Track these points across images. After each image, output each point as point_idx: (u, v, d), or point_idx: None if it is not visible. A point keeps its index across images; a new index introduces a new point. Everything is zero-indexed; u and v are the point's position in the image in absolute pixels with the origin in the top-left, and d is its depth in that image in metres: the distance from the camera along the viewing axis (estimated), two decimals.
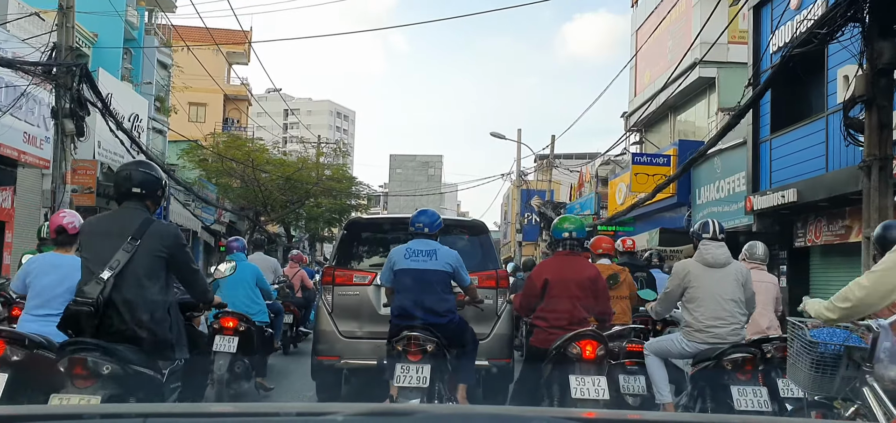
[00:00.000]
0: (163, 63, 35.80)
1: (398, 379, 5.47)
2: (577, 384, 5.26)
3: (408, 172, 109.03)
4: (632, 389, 6.31)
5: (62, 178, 13.59)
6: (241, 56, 52.62)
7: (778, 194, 13.94)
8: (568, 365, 5.38)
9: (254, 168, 26.75)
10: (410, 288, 5.87)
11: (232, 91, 50.06)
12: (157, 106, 33.75)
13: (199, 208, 28.94)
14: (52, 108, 13.57)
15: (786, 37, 14.41)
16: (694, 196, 19.08)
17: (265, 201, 28.65)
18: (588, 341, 5.39)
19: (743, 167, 16.05)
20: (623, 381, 6.25)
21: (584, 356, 5.35)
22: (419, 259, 5.93)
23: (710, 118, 20.43)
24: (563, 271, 5.84)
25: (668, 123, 23.47)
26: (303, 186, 29.68)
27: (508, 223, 52.41)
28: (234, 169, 27.74)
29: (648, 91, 24.15)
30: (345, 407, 1.72)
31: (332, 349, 7.24)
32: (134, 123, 22.41)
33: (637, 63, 25.47)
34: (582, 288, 5.80)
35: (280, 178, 29.00)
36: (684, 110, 22.61)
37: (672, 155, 19.44)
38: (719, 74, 19.53)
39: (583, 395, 5.22)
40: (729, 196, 16.74)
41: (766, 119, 15.17)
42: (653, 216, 21.66)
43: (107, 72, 22.62)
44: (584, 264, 6.12)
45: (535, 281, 5.93)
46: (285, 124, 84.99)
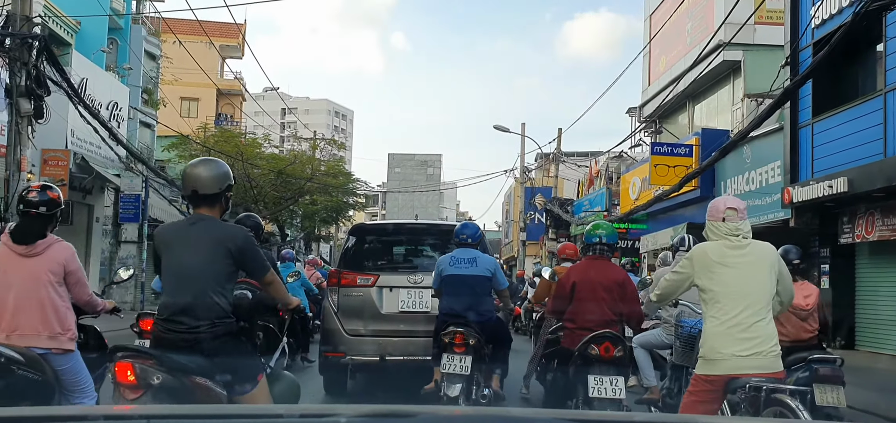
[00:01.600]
0: (151, 54, 34.24)
1: (444, 366, 6.24)
2: (595, 384, 5.58)
3: (406, 171, 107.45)
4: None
5: (18, 164, 12.03)
6: (235, 49, 51.13)
7: (823, 185, 12.40)
8: (589, 365, 5.69)
9: (243, 162, 25.15)
10: (456, 291, 6.70)
11: (225, 86, 48.51)
12: (144, 98, 32.20)
13: (186, 205, 27.37)
14: (6, 85, 12.01)
15: (831, 8, 12.89)
16: (719, 189, 17.53)
17: (256, 198, 27.05)
18: (606, 342, 5.67)
19: (778, 156, 14.52)
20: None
21: (602, 356, 5.64)
22: (462, 266, 6.75)
23: (734, 105, 18.90)
24: (591, 275, 6.09)
25: (687, 112, 21.93)
26: (296, 181, 28.06)
27: (510, 222, 50.81)
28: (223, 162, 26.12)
29: (664, 79, 22.60)
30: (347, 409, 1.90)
31: (337, 346, 7.74)
32: (113, 111, 20.83)
33: (651, 50, 23.94)
34: (609, 291, 6.04)
35: (271, 172, 27.36)
36: (705, 98, 21.06)
37: (694, 145, 17.90)
38: (745, 57, 18.01)
39: (600, 394, 5.54)
40: (761, 188, 15.20)
41: (805, 102, 13.62)
42: (671, 212, 20.12)
43: (83, 56, 21.08)
44: (613, 267, 6.41)
45: (565, 284, 6.24)
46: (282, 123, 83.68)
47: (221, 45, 49.19)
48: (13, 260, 4.43)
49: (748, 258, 4.34)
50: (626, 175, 23.65)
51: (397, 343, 7.78)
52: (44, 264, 4.48)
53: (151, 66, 34.18)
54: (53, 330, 4.46)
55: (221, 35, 48.58)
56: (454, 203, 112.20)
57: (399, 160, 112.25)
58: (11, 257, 4.43)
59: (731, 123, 18.72)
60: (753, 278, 4.32)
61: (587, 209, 26.90)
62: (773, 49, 17.53)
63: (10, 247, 4.47)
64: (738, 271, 4.30)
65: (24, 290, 4.41)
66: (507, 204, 54.63)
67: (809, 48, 13.54)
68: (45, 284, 4.46)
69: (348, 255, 8.31)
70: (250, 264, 4.18)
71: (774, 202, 14.46)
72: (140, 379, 3.75)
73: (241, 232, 4.25)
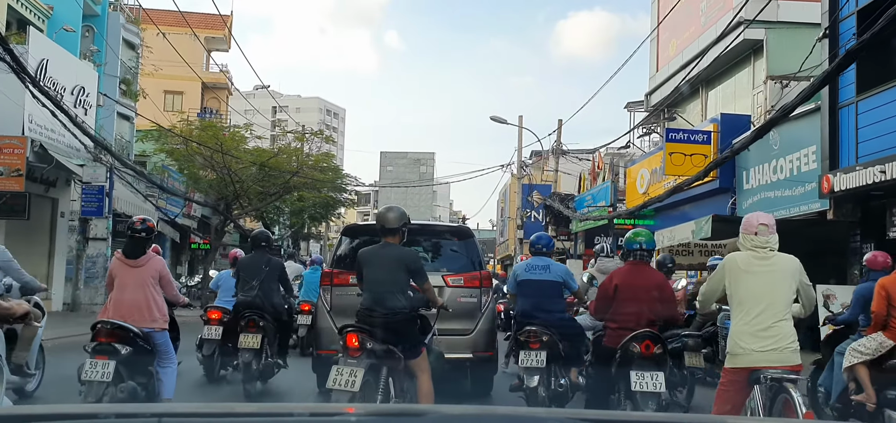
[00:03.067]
0: (129, 42, 32.53)
1: (522, 362, 7.09)
2: (637, 379, 6.01)
3: (399, 170, 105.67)
4: None
5: None
6: (221, 42, 49.47)
7: (871, 170, 10.85)
8: (630, 362, 6.12)
9: (223, 154, 23.47)
10: (530, 294, 7.49)
11: (210, 79, 46.76)
12: (122, 89, 30.54)
13: (164, 200, 25.68)
14: None
15: None
16: (740, 180, 16.01)
17: (238, 192, 25.36)
18: (647, 341, 6.12)
19: (813, 140, 12.99)
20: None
21: (643, 353, 6.08)
22: (537, 272, 7.53)
23: (755, 89, 17.38)
24: (632, 279, 6.52)
25: (700, 99, 20.40)
26: (281, 175, 26.37)
27: (506, 220, 49.20)
28: (201, 153, 24.47)
29: (675, 64, 21.09)
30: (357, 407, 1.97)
31: (330, 344, 7.79)
32: (79, 96, 19.16)
33: (659, 34, 22.42)
34: (649, 294, 6.46)
35: (253, 164, 25.64)
36: (721, 82, 19.53)
37: (712, 132, 16.35)
38: (768, 35, 16.50)
39: (641, 388, 5.98)
40: (793, 177, 13.66)
41: (847, 77, 12.08)
42: (683, 207, 18.58)
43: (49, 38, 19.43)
44: (652, 272, 6.88)
45: (607, 287, 6.63)
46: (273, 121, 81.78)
47: (206, 38, 47.51)
48: (125, 269, 6.45)
49: (772, 268, 4.93)
50: (633, 167, 22.11)
51: None
52: (146, 272, 6.46)
53: (130, 55, 32.51)
54: (154, 316, 6.42)
55: (206, 27, 46.87)
56: (447, 202, 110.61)
57: (391, 158, 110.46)
58: (124, 268, 6.47)
59: (752, 107, 17.21)
60: (775, 285, 4.91)
61: (590, 204, 25.34)
62: (798, 26, 16.06)
63: (123, 260, 6.51)
64: (761, 279, 4.89)
65: (134, 290, 6.38)
66: (502, 202, 53.04)
67: (853, 17, 12.02)
68: (147, 285, 6.44)
69: (341, 254, 8.54)
70: (417, 275, 6.02)
71: (809, 192, 12.94)
72: (361, 344, 5.62)
73: (412, 254, 6.20)
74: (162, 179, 25.42)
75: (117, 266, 6.49)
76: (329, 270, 8.48)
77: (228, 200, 25.96)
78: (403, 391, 5.92)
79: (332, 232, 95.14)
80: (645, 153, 22.83)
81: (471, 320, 8.06)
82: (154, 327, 6.40)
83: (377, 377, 5.73)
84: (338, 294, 8.11)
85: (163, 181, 25.22)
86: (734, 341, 4.90)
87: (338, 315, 7.88)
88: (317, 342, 8.42)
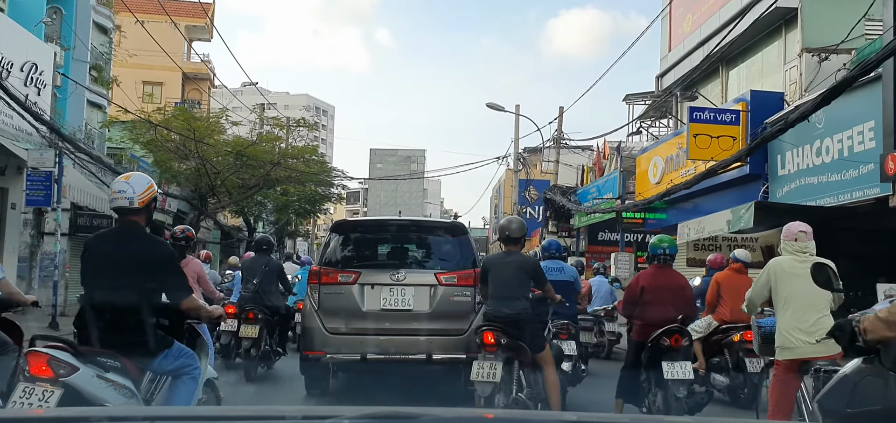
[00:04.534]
0: (101, 26, 30.54)
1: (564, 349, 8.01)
2: (668, 367, 6.67)
3: (389, 167, 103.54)
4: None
5: None
6: (202, 31, 47.59)
7: None
8: (661, 353, 6.78)
9: (196, 141, 21.49)
10: None
11: (192, 69, 44.75)
12: (93, 76, 28.54)
13: None
14: None
15: None
16: (773, 165, 14.20)
17: (213, 184, 23.36)
18: (676, 335, 6.84)
19: (870, 115, 11.17)
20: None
21: (672, 345, 6.79)
22: (553, 273, 8.13)
23: (787, 64, 15.55)
24: (657, 280, 7.20)
25: (719, 79, 18.56)
26: (261, 165, 24.35)
27: (501, 216, 47.34)
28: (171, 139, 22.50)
29: (691, 40, 19.27)
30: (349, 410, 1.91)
31: (317, 345, 7.77)
32: (30, 74, 17.16)
33: (672, 11, 20.61)
34: (673, 294, 7.15)
35: (230, 154, 23.58)
36: (745, 59, 17.69)
37: (741, 111, 14.52)
38: (803, 4, 14.68)
39: (673, 376, 6.64)
40: (842, 159, 11.83)
41: None
42: (699, 198, 16.77)
43: None
44: (675, 274, 7.48)
45: (634, 289, 7.33)
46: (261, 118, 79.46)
47: (187, 26, 45.55)
48: None
49: None
50: (645, 155, 20.27)
51: (379, 342, 7.80)
52: (188, 272, 6.73)
53: (102, 40, 30.50)
54: None
55: (187, 15, 44.96)
56: (438, 199, 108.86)
57: (381, 156, 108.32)
58: None
59: (784, 84, 15.39)
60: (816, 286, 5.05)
61: (595, 197, 23.47)
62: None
63: None
64: (805, 280, 5.14)
65: None
66: (496, 198, 51.13)
67: None
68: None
69: (329, 252, 8.35)
70: (538, 280, 6.94)
71: (865, 175, 11.12)
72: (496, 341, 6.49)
73: (534, 260, 7.50)
74: (130, 169, 23.39)
75: None
76: (317, 268, 8.15)
77: (203, 193, 23.97)
78: (534, 381, 6.67)
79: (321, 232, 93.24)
80: (657, 139, 21.03)
81: (464, 320, 7.82)
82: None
83: (510, 370, 6.46)
84: (326, 293, 7.87)
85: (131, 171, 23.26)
86: (784, 336, 5.56)
87: (326, 316, 7.76)
88: (304, 343, 8.16)
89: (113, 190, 4.48)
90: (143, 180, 4.53)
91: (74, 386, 4.10)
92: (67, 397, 4.05)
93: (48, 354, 4.12)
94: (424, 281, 7.93)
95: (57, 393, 4.07)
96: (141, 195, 4.43)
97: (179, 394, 4.53)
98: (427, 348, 7.76)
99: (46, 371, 4.06)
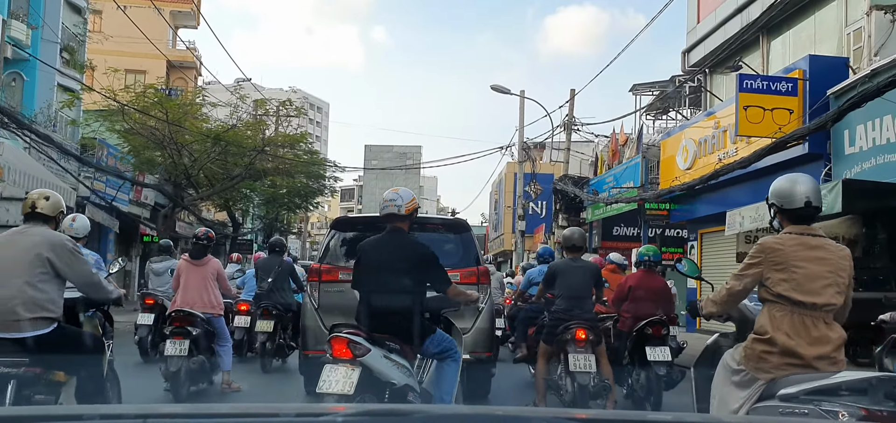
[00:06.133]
0: (74, 5, 28.32)
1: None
2: (651, 351, 7.74)
3: (384, 164, 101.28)
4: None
5: None
6: (188, 17, 45.41)
7: None
8: (645, 340, 7.87)
9: (169, 123, 19.24)
10: None
11: (177, 57, 42.58)
12: (64, 58, 26.30)
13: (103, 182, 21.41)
14: None
15: None
16: (837, 143, 12.06)
17: (190, 173, 21.10)
18: (658, 325, 7.94)
19: None
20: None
21: (655, 334, 7.88)
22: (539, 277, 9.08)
23: (847, 26, 13.40)
24: (643, 282, 8.39)
25: (759, 51, 16.38)
26: (244, 153, 22.07)
27: (501, 212, 45.09)
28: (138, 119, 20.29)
29: (725, 9, 17.10)
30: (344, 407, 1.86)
31: (317, 344, 7.56)
32: None
33: None
34: (656, 293, 8.38)
35: (207, 139, 21.26)
36: (792, 26, 15.52)
37: (798, 79, 12.37)
38: None
39: (655, 358, 7.70)
40: None
41: None
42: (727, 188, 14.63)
43: None
44: (657, 278, 8.73)
45: (624, 287, 8.44)
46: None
47: (172, 12, 43.38)
48: (191, 269, 8.25)
49: None
50: (672, 138, 18.11)
51: None
52: (208, 271, 8.29)
53: (75, 20, 28.29)
54: (213, 305, 8.22)
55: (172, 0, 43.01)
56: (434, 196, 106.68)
57: (376, 152, 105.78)
58: (191, 267, 8.26)
59: (842, 49, 13.25)
60: None
61: (611, 186, 21.27)
62: None
63: (189, 262, 8.34)
64: None
65: (198, 285, 8.18)
66: (496, 193, 48.94)
67: None
68: (209, 281, 8.27)
69: (330, 249, 8.29)
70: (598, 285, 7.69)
71: None
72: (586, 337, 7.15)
73: (596, 267, 8.08)
74: (97, 156, 21.15)
75: (184, 266, 8.33)
76: (317, 265, 8.08)
77: (178, 182, 21.71)
78: None
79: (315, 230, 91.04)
80: (685, 121, 18.88)
81: (468, 319, 7.71)
82: (213, 313, 8.24)
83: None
84: (326, 291, 7.83)
85: (99, 159, 20.97)
86: None
87: (326, 314, 7.66)
88: (303, 342, 8.06)
89: (384, 198, 5.34)
90: (408, 193, 5.44)
91: (368, 365, 4.82)
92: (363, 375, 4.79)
93: (348, 338, 4.84)
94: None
95: (357, 371, 4.79)
96: (407, 204, 5.31)
97: (447, 374, 5.33)
98: None
99: (347, 353, 4.80)
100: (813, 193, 3.85)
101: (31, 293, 4.59)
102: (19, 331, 4.53)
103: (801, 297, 3.70)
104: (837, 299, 3.76)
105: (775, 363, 3.70)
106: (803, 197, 3.81)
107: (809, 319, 3.71)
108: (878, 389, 3.29)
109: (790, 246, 3.77)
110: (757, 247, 3.91)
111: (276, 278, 10.43)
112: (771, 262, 3.80)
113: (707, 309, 4.22)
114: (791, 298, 3.73)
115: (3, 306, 4.54)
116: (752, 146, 13.18)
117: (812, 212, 3.84)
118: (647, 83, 30.08)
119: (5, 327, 4.52)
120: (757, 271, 3.85)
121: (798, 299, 3.70)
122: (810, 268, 3.73)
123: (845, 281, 3.81)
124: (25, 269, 4.61)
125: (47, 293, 4.67)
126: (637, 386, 7.95)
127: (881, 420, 3.21)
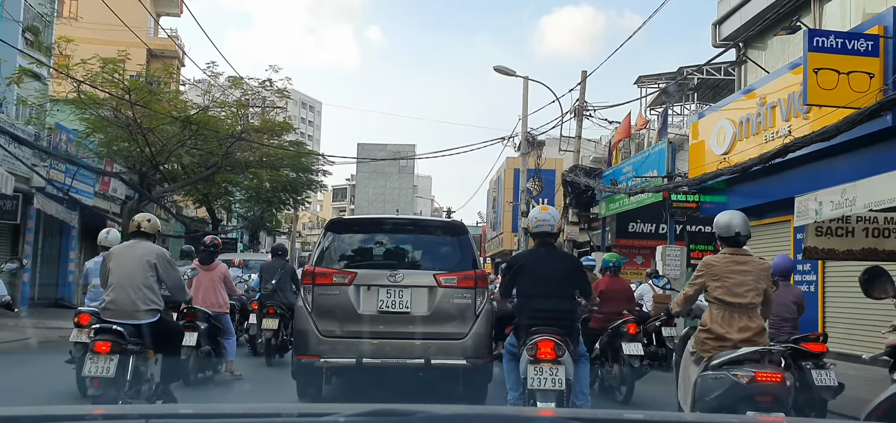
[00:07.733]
0: None
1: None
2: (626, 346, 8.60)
3: (377, 163, 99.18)
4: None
5: None
6: (171, 4, 43.24)
7: None
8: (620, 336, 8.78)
9: (132, 104, 16.99)
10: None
11: (158, 45, 40.36)
12: (28, 39, 24.03)
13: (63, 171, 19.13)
14: None
15: None
16: None
17: (156, 160, 18.81)
18: (632, 324, 8.92)
19: None
20: None
21: (630, 332, 8.82)
22: None
23: None
24: (610, 285, 9.67)
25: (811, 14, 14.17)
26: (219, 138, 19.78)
27: (500, 211, 42.89)
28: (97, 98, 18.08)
29: None
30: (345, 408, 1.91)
31: (310, 349, 7.49)
32: None
33: None
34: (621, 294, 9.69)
35: (176, 122, 18.94)
36: None
37: (879, 36, 10.19)
38: None
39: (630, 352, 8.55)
40: None
41: None
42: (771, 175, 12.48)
43: None
44: (621, 280, 10.11)
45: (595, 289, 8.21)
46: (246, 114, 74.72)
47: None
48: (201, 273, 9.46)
49: None
50: (704, 120, 15.92)
51: (375, 345, 7.57)
52: (215, 274, 9.59)
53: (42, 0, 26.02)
54: (220, 303, 9.53)
55: None
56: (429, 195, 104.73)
57: (369, 150, 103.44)
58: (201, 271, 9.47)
59: None
60: None
61: (629, 175, 19.04)
62: None
63: (199, 267, 9.56)
64: None
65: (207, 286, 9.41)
66: (494, 191, 46.76)
67: None
68: (216, 283, 9.53)
69: (324, 251, 8.10)
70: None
71: None
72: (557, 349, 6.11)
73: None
74: (53, 141, 18.85)
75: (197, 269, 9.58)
76: (311, 268, 7.80)
77: (144, 171, 19.43)
78: None
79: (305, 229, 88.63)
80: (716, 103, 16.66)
81: (465, 324, 7.53)
82: (220, 311, 9.50)
83: None
84: (320, 294, 7.60)
85: (55, 145, 18.68)
86: None
87: (320, 317, 7.51)
88: (296, 347, 7.84)
89: (538, 219, 6.18)
90: (556, 214, 6.46)
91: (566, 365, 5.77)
92: None
93: (554, 340, 5.68)
94: (423, 283, 7.67)
95: (561, 369, 5.67)
96: (558, 223, 6.36)
97: (582, 372, 6.14)
98: (425, 353, 7.48)
99: (552, 354, 5.64)
100: (742, 226, 5.54)
101: (146, 291, 6.23)
102: (138, 319, 6.13)
103: (730, 299, 5.38)
104: (757, 300, 5.44)
105: (712, 346, 5.37)
106: (735, 229, 5.50)
107: (736, 314, 5.38)
108: (765, 358, 5.27)
109: (723, 263, 5.49)
110: (701, 264, 5.66)
111: (279, 279, 11.49)
112: (711, 274, 5.50)
113: (674, 309, 6.04)
114: (723, 300, 5.42)
115: (128, 300, 6.13)
116: (812, 122, 11.01)
117: (742, 240, 5.50)
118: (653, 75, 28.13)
119: (129, 316, 6.10)
120: (701, 280, 5.56)
121: (728, 300, 5.38)
122: (737, 278, 5.39)
123: (764, 287, 5.48)
124: (141, 273, 6.24)
125: (155, 291, 6.31)
126: (609, 378, 9.02)
127: (766, 377, 5.08)
